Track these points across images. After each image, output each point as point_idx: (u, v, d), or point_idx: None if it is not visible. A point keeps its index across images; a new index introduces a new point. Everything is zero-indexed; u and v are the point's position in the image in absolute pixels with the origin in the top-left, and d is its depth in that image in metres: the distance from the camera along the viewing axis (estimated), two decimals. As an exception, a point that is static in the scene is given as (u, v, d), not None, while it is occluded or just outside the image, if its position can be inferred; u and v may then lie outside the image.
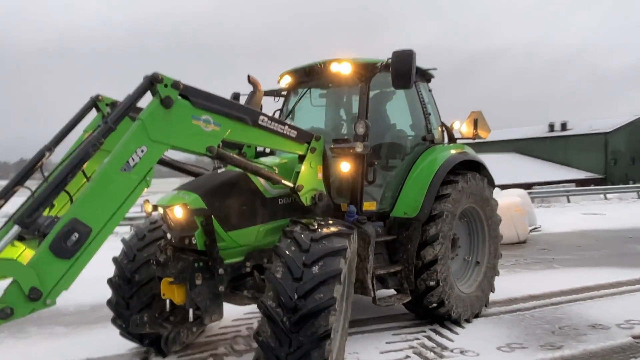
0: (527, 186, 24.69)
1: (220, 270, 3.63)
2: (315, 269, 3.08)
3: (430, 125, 5.30)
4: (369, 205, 4.68)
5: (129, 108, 2.96)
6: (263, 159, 4.44)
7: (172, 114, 3.05)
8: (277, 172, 3.92)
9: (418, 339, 4.63)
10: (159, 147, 3.02)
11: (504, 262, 8.39)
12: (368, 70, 4.58)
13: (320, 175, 4.19)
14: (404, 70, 4.02)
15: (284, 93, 5.64)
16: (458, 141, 5.96)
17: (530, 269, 7.92)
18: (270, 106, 5.71)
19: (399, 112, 5.43)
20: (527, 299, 6.00)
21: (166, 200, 3.74)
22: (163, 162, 4.26)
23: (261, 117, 3.63)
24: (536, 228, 12.22)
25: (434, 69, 5.43)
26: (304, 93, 5.27)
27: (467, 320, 5.10)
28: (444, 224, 4.71)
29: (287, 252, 3.19)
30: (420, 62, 4.49)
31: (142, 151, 2.90)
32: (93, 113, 3.97)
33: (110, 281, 4.17)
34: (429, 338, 4.65)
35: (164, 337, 3.57)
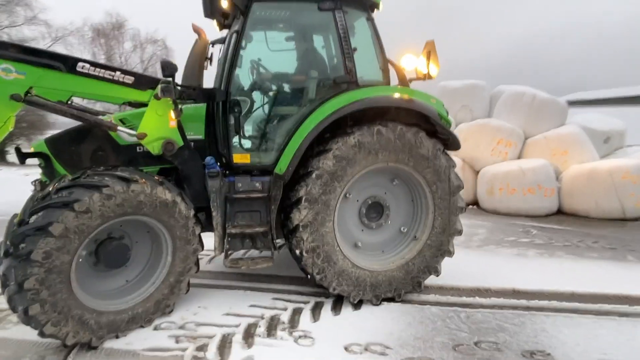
0: None
1: None
2: (32, 219, 2.74)
3: (351, 63, 3.88)
4: (241, 158, 3.84)
5: None
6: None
7: None
8: (112, 119, 3.55)
9: (285, 309, 3.77)
10: None
11: (560, 242, 6.02)
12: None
13: (173, 123, 3.62)
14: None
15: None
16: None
17: (586, 258, 5.32)
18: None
19: (314, 49, 4.14)
20: (496, 294, 4.14)
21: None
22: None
23: (80, 64, 3.33)
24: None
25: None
26: (228, 37, 4.46)
27: (373, 303, 3.87)
28: (314, 185, 3.52)
29: (36, 196, 2.92)
30: None
31: None
32: None
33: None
34: (297, 311, 3.73)
35: None
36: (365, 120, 3.77)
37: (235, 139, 3.80)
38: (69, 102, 3.72)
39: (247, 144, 3.90)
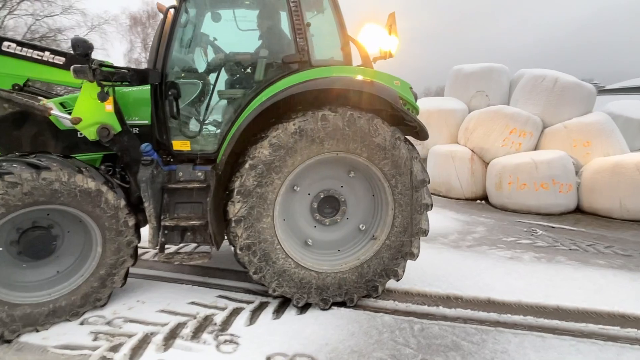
0: None
1: None
2: None
3: (302, 41, 3.45)
4: (181, 145, 3.54)
5: None
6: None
7: None
8: (46, 102, 3.35)
9: (224, 308, 3.47)
10: None
11: (566, 244, 5.31)
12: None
13: (110, 107, 3.38)
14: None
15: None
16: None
17: (590, 265, 4.64)
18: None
19: (264, 27, 3.71)
20: (466, 304, 3.63)
21: None
22: None
23: (6, 43, 3.15)
24: None
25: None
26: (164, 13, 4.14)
27: (320, 307, 3.49)
28: (248, 176, 3.16)
29: None
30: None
31: None
32: None
33: None
34: (236, 311, 3.42)
35: None
36: (321, 105, 3.35)
37: (174, 125, 3.51)
38: (26, 85, 3.60)
39: (186, 129, 3.58)
